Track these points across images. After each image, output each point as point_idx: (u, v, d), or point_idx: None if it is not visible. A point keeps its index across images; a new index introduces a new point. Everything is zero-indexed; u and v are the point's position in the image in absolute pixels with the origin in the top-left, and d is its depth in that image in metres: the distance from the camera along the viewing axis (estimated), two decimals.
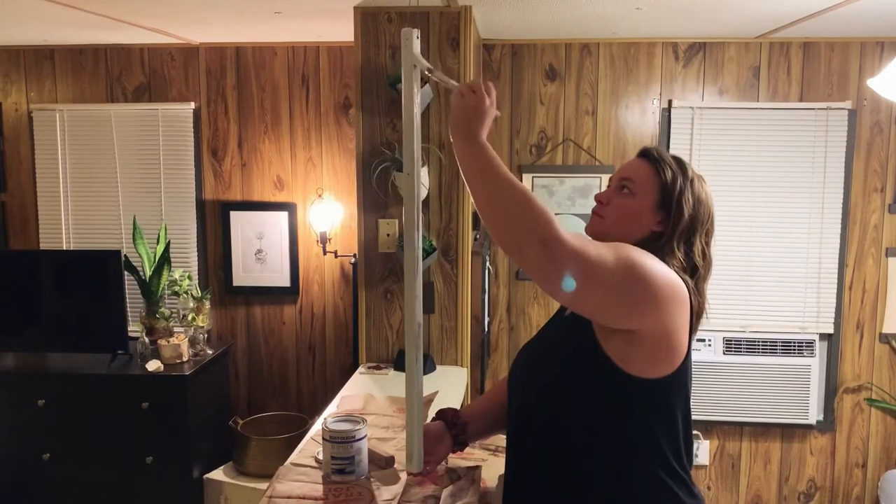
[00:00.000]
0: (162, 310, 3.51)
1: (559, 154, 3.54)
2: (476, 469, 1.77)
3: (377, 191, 2.77)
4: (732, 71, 3.46)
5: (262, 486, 2.28)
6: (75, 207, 3.75)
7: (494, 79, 3.52)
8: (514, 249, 1.22)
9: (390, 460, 1.87)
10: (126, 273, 3.41)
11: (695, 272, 1.38)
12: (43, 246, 3.77)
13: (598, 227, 1.44)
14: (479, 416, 1.65)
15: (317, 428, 2.06)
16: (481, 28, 3.17)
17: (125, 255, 3.43)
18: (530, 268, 1.20)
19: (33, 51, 3.71)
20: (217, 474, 3.36)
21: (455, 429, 1.61)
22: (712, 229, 1.45)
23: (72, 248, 3.74)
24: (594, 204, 1.47)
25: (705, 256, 1.41)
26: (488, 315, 3.49)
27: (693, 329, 1.37)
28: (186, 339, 3.41)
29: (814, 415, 3.55)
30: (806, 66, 3.44)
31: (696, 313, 1.37)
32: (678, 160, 1.46)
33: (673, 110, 3.47)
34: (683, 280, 1.33)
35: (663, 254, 1.35)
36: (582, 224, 3.50)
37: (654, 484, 1.33)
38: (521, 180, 3.54)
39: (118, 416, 3.27)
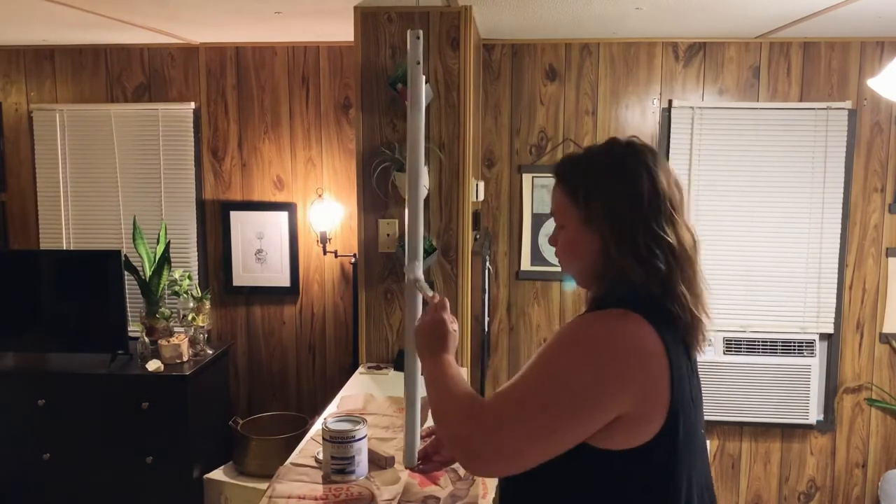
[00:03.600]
0: (162, 310, 3.51)
1: (559, 154, 3.54)
2: None
3: (377, 191, 2.77)
4: (732, 71, 3.46)
5: (262, 486, 2.28)
6: (75, 207, 3.75)
7: (494, 79, 3.52)
8: (453, 449, 1.19)
9: (390, 460, 1.87)
10: (126, 273, 3.40)
11: (660, 272, 1.17)
12: (43, 246, 3.77)
13: (563, 270, 1.32)
14: None
15: (317, 428, 2.06)
16: (481, 28, 3.17)
17: (125, 255, 3.43)
18: (472, 469, 1.22)
19: (33, 51, 3.71)
20: (217, 474, 3.36)
21: None
22: (662, 205, 1.19)
23: (72, 248, 3.74)
24: None
25: (666, 244, 1.17)
26: (488, 315, 3.49)
27: (694, 339, 1.21)
28: (186, 339, 3.41)
29: (814, 415, 3.55)
30: (806, 66, 3.44)
31: (687, 326, 1.19)
32: (585, 152, 1.28)
33: (673, 110, 3.47)
34: (651, 315, 1.14)
35: (618, 270, 1.18)
36: None
37: None
38: (521, 180, 3.54)
39: (118, 416, 3.27)
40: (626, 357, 1.11)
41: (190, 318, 3.50)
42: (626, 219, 1.18)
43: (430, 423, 1.87)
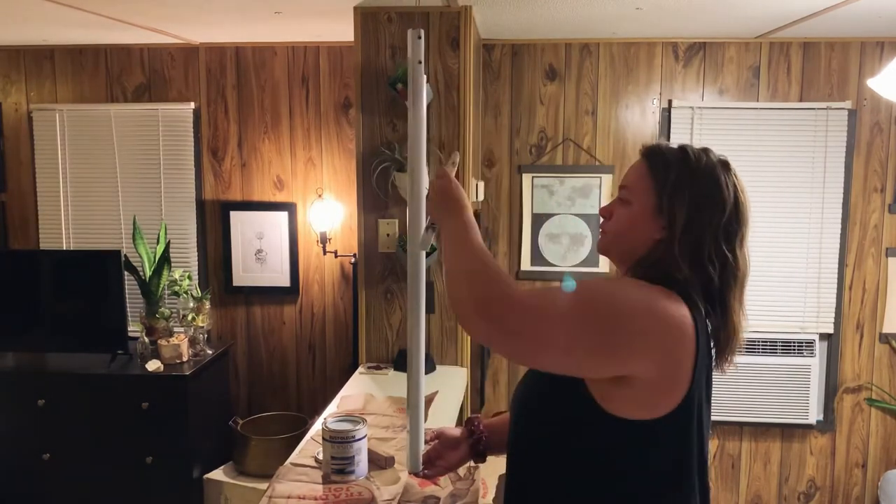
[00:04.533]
0: (162, 310, 3.51)
1: (559, 154, 3.54)
2: (476, 469, 1.77)
3: (377, 191, 2.77)
4: (732, 71, 3.46)
5: (262, 486, 2.28)
6: (75, 207, 3.75)
7: (494, 79, 3.52)
8: (469, 306, 1.13)
9: (390, 460, 1.87)
10: (126, 273, 3.40)
11: (710, 284, 1.20)
12: (43, 246, 3.77)
13: (602, 244, 1.33)
14: (500, 430, 1.50)
15: (317, 428, 2.06)
16: (481, 28, 3.17)
17: (125, 255, 3.43)
18: (476, 330, 1.13)
19: (33, 51, 3.71)
20: (217, 474, 3.36)
21: (472, 437, 1.53)
22: (738, 227, 1.23)
23: (72, 248, 3.74)
24: (594, 204, 1.43)
25: (726, 263, 1.21)
26: None
27: (720, 354, 1.23)
28: (186, 339, 3.41)
29: (814, 415, 3.55)
30: (806, 66, 3.44)
31: (717, 336, 1.22)
32: (681, 149, 1.28)
33: (673, 110, 3.47)
34: (691, 303, 1.16)
35: (666, 266, 1.20)
36: (582, 223, 3.50)
37: None
38: (521, 180, 3.54)
39: (118, 416, 3.27)
40: (666, 324, 1.12)
41: (190, 318, 3.50)
42: (702, 224, 1.20)
43: (429, 424, 1.87)
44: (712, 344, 1.23)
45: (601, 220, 1.33)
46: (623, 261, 1.30)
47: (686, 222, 1.20)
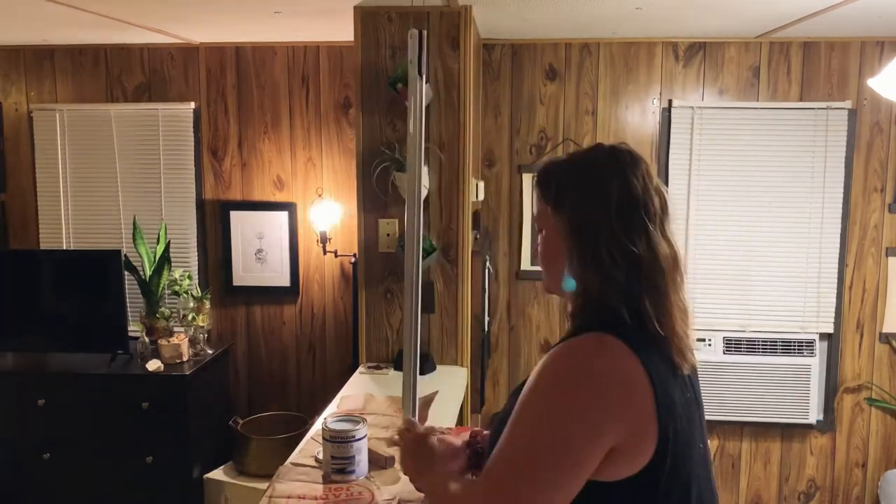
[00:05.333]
0: (162, 310, 3.51)
1: (559, 154, 3.53)
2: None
3: (377, 191, 2.77)
4: (732, 71, 3.46)
5: (262, 486, 2.27)
6: (75, 207, 3.75)
7: (494, 79, 3.52)
8: None
9: (390, 460, 1.87)
10: (126, 273, 3.41)
11: (618, 285, 1.11)
12: (43, 246, 3.77)
13: (544, 286, 1.29)
14: None
15: (317, 428, 2.06)
16: (481, 28, 3.17)
17: (125, 255, 3.43)
18: None
19: (33, 51, 3.71)
20: (217, 474, 3.36)
21: (471, 447, 1.48)
22: (636, 216, 1.13)
23: (72, 248, 3.74)
24: None
25: (633, 259, 1.11)
26: (488, 315, 3.49)
27: (676, 354, 1.14)
28: (186, 338, 3.41)
29: (814, 414, 3.55)
30: (806, 66, 3.44)
31: (658, 342, 1.13)
32: (566, 158, 1.24)
33: (673, 110, 3.47)
34: (627, 334, 1.09)
35: (584, 280, 1.14)
36: None
37: None
38: (521, 180, 3.54)
39: (118, 416, 3.27)
40: (610, 391, 1.07)
41: (190, 318, 3.50)
42: (591, 226, 1.13)
43: (429, 423, 1.87)
44: (668, 356, 1.15)
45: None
46: (561, 293, 1.23)
47: (574, 228, 1.15)
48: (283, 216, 3.66)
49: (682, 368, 1.16)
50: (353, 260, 3.49)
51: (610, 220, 1.12)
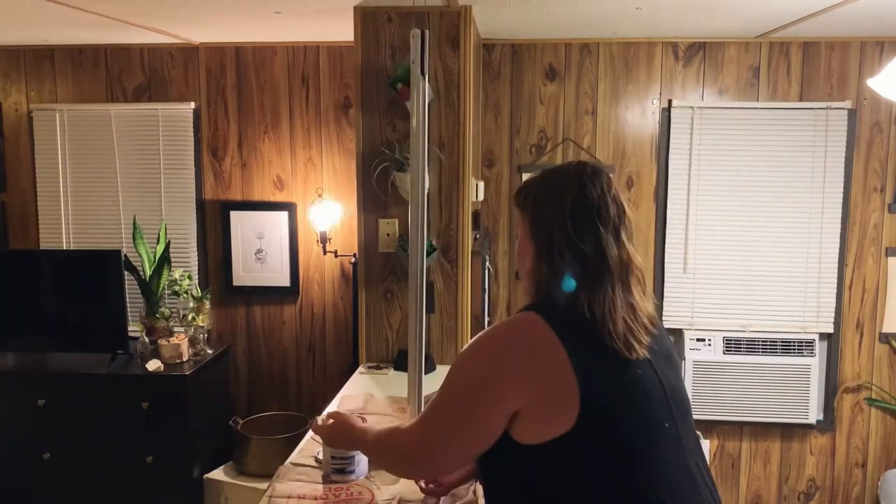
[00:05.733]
0: (162, 310, 3.51)
1: (559, 154, 3.54)
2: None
3: (377, 191, 2.77)
4: (732, 71, 3.46)
5: (262, 486, 2.27)
6: (75, 207, 3.75)
7: (494, 79, 3.52)
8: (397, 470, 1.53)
9: None
10: (126, 273, 3.40)
11: (562, 274, 1.24)
12: (43, 246, 3.77)
13: (523, 289, 1.42)
14: None
15: None
16: (481, 28, 3.17)
17: (125, 255, 3.43)
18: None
19: (33, 51, 3.71)
20: (217, 474, 3.36)
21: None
22: (587, 219, 1.26)
23: (72, 248, 3.74)
24: None
25: (582, 256, 1.23)
26: (488, 315, 3.49)
27: (616, 346, 1.20)
28: (186, 338, 3.41)
29: (814, 414, 3.55)
30: (806, 66, 3.44)
31: (600, 329, 1.21)
32: (538, 175, 1.37)
33: (673, 110, 3.47)
34: (546, 311, 1.21)
35: (538, 274, 1.28)
36: None
37: None
38: (521, 180, 3.54)
39: (118, 416, 3.27)
40: (513, 353, 1.20)
41: (190, 317, 3.50)
42: (547, 225, 1.28)
43: None
44: (610, 343, 1.21)
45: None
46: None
47: (534, 225, 1.30)
48: (283, 216, 3.66)
49: (623, 353, 1.22)
50: (353, 260, 3.49)
51: (563, 220, 1.26)
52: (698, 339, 3.52)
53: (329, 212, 3.54)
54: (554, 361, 1.17)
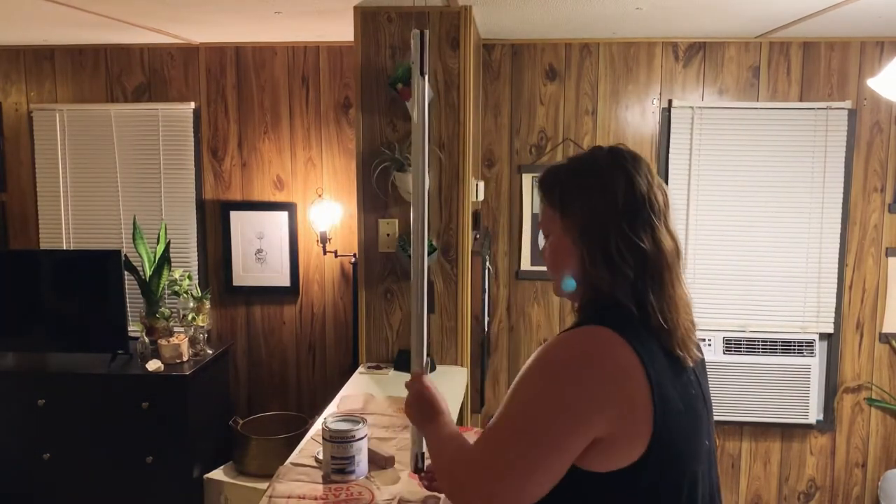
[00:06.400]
0: (162, 310, 3.51)
1: (559, 154, 3.54)
2: None
3: (377, 191, 2.77)
4: (732, 71, 3.46)
5: (262, 486, 2.28)
6: (75, 207, 3.75)
7: (494, 79, 3.52)
8: (449, 496, 1.25)
9: (390, 460, 1.87)
10: (126, 273, 3.40)
11: (627, 280, 1.14)
12: (43, 246, 3.77)
13: (554, 288, 1.29)
14: None
15: (317, 428, 2.06)
16: (481, 28, 3.17)
17: (125, 255, 3.43)
18: None
19: (33, 51, 3.71)
20: (217, 474, 3.36)
21: None
22: (641, 212, 1.16)
23: (72, 248, 3.74)
24: None
25: (641, 254, 1.14)
26: (488, 315, 3.49)
27: (673, 355, 1.15)
28: (186, 338, 3.41)
29: (814, 414, 3.55)
30: (806, 66, 3.44)
31: (661, 336, 1.14)
32: (565, 162, 1.27)
33: (673, 110, 3.47)
34: (626, 327, 1.11)
35: (589, 281, 1.18)
36: None
37: None
38: (521, 180, 3.54)
39: (118, 416, 3.27)
40: (594, 381, 1.09)
41: (190, 318, 3.50)
42: (600, 225, 1.16)
43: None
44: (670, 350, 1.16)
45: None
46: (570, 295, 1.26)
47: (584, 227, 1.18)
48: (283, 216, 3.66)
49: (685, 362, 1.18)
50: (353, 260, 3.49)
51: (618, 218, 1.16)
52: (698, 339, 3.52)
53: (329, 212, 3.54)
54: (636, 387, 1.09)
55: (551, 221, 1.24)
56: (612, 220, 1.16)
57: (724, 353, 3.52)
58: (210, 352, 3.51)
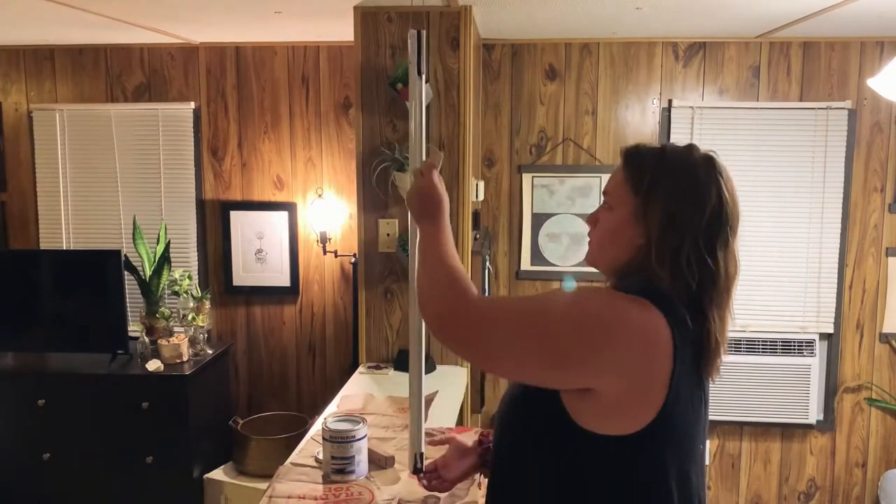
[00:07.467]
0: (162, 310, 3.51)
1: (559, 154, 3.54)
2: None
3: (377, 191, 2.77)
4: (732, 70, 3.46)
5: (262, 486, 2.28)
6: (75, 207, 3.75)
7: (494, 79, 3.52)
8: (426, 315, 1.21)
9: (390, 460, 1.87)
10: (126, 273, 3.40)
11: (689, 290, 1.12)
12: (43, 246, 3.77)
13: (588, 256, 1.27)
14: None
15: (317, 428, 2.06)
16: (481, 28, 3.17)
17: (125, 255, 3.43)
18: (435, 336, 1.19)
19: (33, 51, 3.71)
20: (217, 474, 3.36)
21: (481, 447, 1.48)
22: (722, 229, 1.15)
23: (72, 248, 3.74)
24: (594, 203, 1.39)
25: (706, 268, 1.13)
26: None
27: (702, 364, 1.15)
28: (186, 338, 3.41)
29: (814, 414, 3.55)
30: (806, 66, 3.44)
31: (699, 345, 1.13)
32: (660, 149, 1.22)
33: (673, 110, 3.47)
34: (670, 312, 1.09)
35: (647, 273, 1.15)
36: (581, 223, 3.50)
37: None
38: (521, 180, 3.54)
39: (118, 416, 3.27)
40: (631, 333, 1.08)
41: (190, 317, 3.50)
42: (679, 227, 1.13)
43: (429, 424, 1.86)
44: (700, 360, 1.16)
45: (588, 229, 1.28)
46: (610, 271, 1.25)
47: (663, 226, 1.14)
48: (283, 216, 3.66)
49: (713, 378, 1.18)
50: (353, 260, 3.49)
51: (699, 230, 1.13)
52: None
53: (329, 212, 3.54)
54: (661, 361, 1.08)
55: (622, 198, 1.19)
56: (692, 231, 1.13)
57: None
58: (210, 352, 3.50)
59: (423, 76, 1.44)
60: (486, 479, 1.44)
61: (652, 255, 1.14)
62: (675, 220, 1.14)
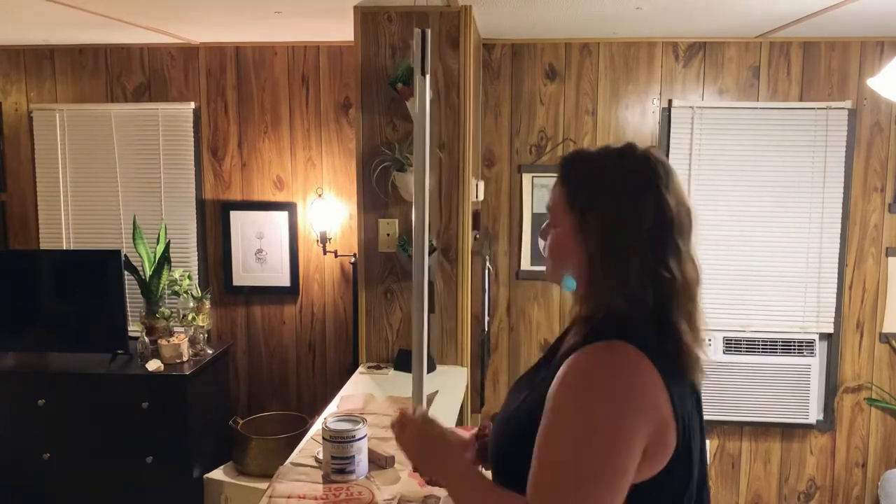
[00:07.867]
0: (162, 310, 3.51)
1: (559, 154, 3.53)
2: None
3: (377, 191, 2.77)
4: (732, 71, 3.46)
5: (262, 486, 2.28)
6: (75, 207, 3.75)
7: (494, 79, 3.52)
8: None
9: (390, 460, 1.87)
10: (126, 273, 3.40)
11: (645, 308, 1.08)
12: (43, 246, 3.77)
13: (546, 273, 1.22)
14: None
15: (317, 428, 2.06)
16: (481, 28, 3.17)
17: (125, 255, 3.43)
18: None
19: (33, 51, 3.71)
20: (217, 474, 3.36)
21: (479, 440, 1.45)
22: (668, 236, 1.09)
23: (72, 248, 3.74)
24: None
25: (661, 280, 1.08)
26: (488, 315, 3.49)
27: (686, 372, 1.12)
28: (186, 338, 3.41)
29: (814, 414, 3.55)
30: (806, 66, 3.44)
31: (678, 356, 1.10)
32: (595, 154, 1.16)
33: (673, 110, 3.47)
34: (642, 342, 1.06)
35: (599, 293, 1.10)
36: None
37: None
38: (521, 180, 3.54)
39: (118, 416, 3.27)
40: (640, 394, 1.05)
41: (190, 317, 3.50)
42: (620, 241, 1.08)
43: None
44: (684, 373, 1.14)
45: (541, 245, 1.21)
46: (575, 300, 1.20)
47: (602, 243, 1.09)
48: (283, 216, 3.66)
49: (699, 384, 1.16)
50: (353, 260, 3.49)
51: (641, 243, 1.08)
52: None
53: (329, 212, 3.54)
54: (663, 395, 1.06)
55: (561, 213, 1.15)
56: (635, 242, 1.08)
57: (724, 353, 3.52)
58: (210, 352, 3.51)
59: (428, 76, 1.44)
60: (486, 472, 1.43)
61: (598, 273, 1.10)
62: (614, 235, 1.08)
